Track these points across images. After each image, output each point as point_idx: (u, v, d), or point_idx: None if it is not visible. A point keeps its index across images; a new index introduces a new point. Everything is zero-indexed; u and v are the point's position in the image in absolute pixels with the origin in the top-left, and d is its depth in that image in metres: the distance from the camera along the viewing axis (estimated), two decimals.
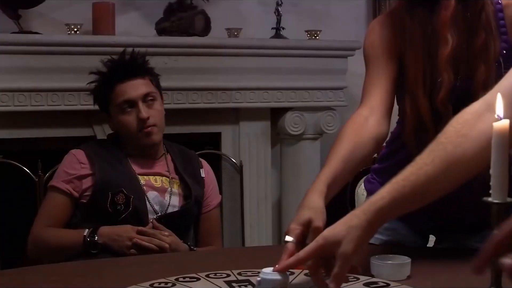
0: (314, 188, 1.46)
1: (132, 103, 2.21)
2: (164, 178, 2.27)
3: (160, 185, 2.25)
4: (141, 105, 2.20)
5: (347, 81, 3.46)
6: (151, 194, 2.21)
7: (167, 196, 2.24)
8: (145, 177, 2.24)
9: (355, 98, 3.45)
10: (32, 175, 2.65)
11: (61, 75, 2.95)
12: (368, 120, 1.59)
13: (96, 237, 2.09)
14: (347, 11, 3.68)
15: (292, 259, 1.27)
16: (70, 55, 2.98)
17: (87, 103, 2.97)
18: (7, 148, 2.93)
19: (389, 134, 1.69)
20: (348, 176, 1.57)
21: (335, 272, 1.21)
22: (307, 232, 1.38)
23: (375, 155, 1.81)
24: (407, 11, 1.61)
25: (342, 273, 1.22)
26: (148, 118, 2.19)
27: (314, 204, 1.42)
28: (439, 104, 1.55)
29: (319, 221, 1.39)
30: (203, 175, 2.34)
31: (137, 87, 2.23)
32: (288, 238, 1.36)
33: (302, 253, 1.26)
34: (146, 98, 2.22)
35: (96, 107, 2.37)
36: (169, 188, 2.25)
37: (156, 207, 2.20)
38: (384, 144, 1.72)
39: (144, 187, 2.21)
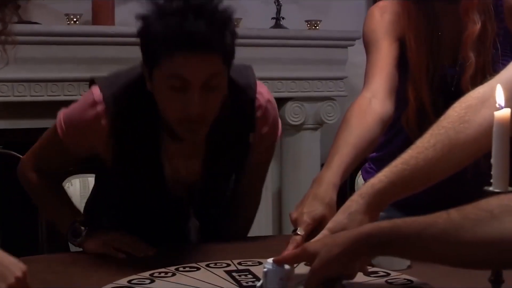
0: (328, 180, 1.42)
1: (186, 84, 1.47)
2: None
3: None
4: (197, 93, 1.47)
5: (347, 71, 3.45)
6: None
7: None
8: (174, 164, 1.67)
9: (355, 88, 3.46)
10: None
11: (61, 65, 2.94)
12: (371, 102, 1.57)
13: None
14: (347, 1, 3.68)
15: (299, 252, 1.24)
16: (70, 45, 2.97)
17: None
18: (6, 138, 2.92)
19: None
20: (357, 163, 1.54)
21: None
22: (317, 226, 1.37)
23: None
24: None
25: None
26: (200, 112, 1.49)
27: (330, 200, 1.39)
28: (463, 85, 1.54)
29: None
30: (251, 139, 1.69)
31: (200, 66, 1.48)
32: (299, 230, 1.35)
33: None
34: (208, 83, 1.49)
35: None
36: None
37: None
38: None
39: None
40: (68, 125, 1.64)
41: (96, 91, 1.59)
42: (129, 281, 1.32)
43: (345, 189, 2.21)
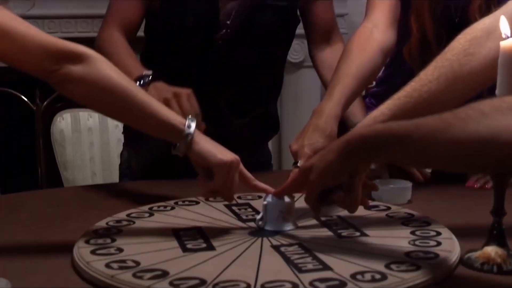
0: (329, 111, 1.39)
1: None
2: None
3: None
4: None
5: (348, 8, 3.40)
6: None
7: None
8: None
9: (355, 25, 3.38)
10: (31, 104, 2.64)
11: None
12: (372, 32, 1.54)
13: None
14: None
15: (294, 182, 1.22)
16: None
17: (84, 30, 2.93)
18: (5, 77, 2.89)
19: None
20: (358, 94, 1.51)
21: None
22: None
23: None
24: None
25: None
26: None
27: (331, 132, 1.37)
28: (470, 15, 1.50)
29: None
30: None
31: None
32: (300, 163, 1.33)
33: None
34: None
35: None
36: None
37: None
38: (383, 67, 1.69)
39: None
40: None
41: None
42: (128, 215, 1.31)
43: (345, 126, 2.20)
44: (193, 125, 1.25)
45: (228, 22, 1.69)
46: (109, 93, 1.23)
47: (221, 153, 1.23)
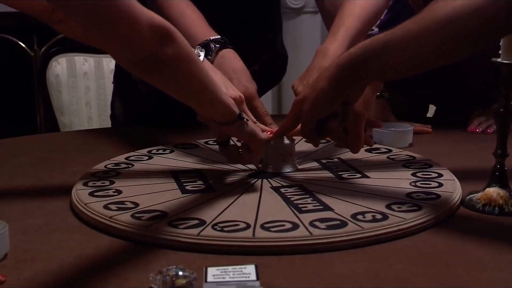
0: (334, 52, 1.35)
1: None
2: None
3: None
4: None
5: None
6: None
7: None
8: None
9: None
10: (28, 50, 2.61)
11: None
12: None
13: None
14: None
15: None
16: None
17: None
18: (2, 22, 2.86)
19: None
20: (362, 35, 1.45)
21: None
22: None
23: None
24: None
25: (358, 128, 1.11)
26: None
27: None
28: None
29: None
30: None
31: None
32: None
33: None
34: None
35: None
36: None
37: None
38: (385, 11, 1.65)
39: None
40: None
41: None
42: (126, 158, 1.30)
43: None
44: (202, 53, 1.21)
45: None
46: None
47: (226, 87, 1.19)
